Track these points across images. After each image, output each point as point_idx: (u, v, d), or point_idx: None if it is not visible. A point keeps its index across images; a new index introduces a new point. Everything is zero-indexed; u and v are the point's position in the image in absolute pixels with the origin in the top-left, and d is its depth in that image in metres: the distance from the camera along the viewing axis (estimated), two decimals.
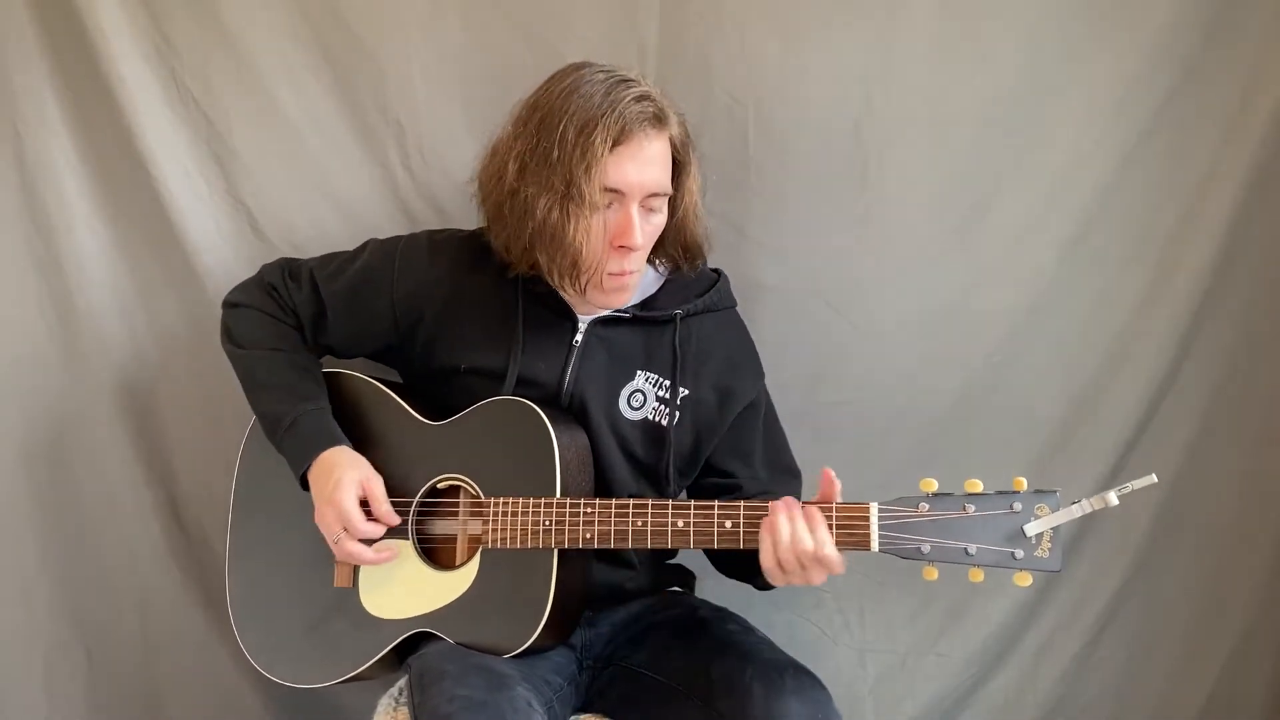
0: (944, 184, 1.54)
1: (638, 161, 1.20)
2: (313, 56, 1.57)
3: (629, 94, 1.19)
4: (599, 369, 1.33)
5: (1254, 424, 1.61)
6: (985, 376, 1.59)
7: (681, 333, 1.34)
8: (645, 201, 1.23)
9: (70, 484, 1.68)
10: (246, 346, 1.37)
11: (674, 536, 1.18)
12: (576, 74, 1.23)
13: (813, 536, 1.11)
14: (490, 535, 1.24)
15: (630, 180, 1.20)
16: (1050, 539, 1.07)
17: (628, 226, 1.21)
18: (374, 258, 1.38)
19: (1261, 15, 1.47)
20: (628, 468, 1.34)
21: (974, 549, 1.08)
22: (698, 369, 1.35)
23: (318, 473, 1.30)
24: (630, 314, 1.33)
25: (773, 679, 1.18)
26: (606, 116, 1.17)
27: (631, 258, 1.24)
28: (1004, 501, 1.08)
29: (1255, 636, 1.66)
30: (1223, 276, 1.55)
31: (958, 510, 1.09)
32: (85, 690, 1.72)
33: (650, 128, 1.21)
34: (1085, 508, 1.05)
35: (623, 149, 1.19)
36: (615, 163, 1.19)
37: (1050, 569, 1.08)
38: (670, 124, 1.24)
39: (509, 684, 1.14)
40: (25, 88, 1.58)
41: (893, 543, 1.10)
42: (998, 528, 1.08)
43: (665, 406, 1.33)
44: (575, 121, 1.18)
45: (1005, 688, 1.69)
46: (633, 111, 1.19)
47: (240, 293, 1.42)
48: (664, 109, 1.23)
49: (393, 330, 1.36)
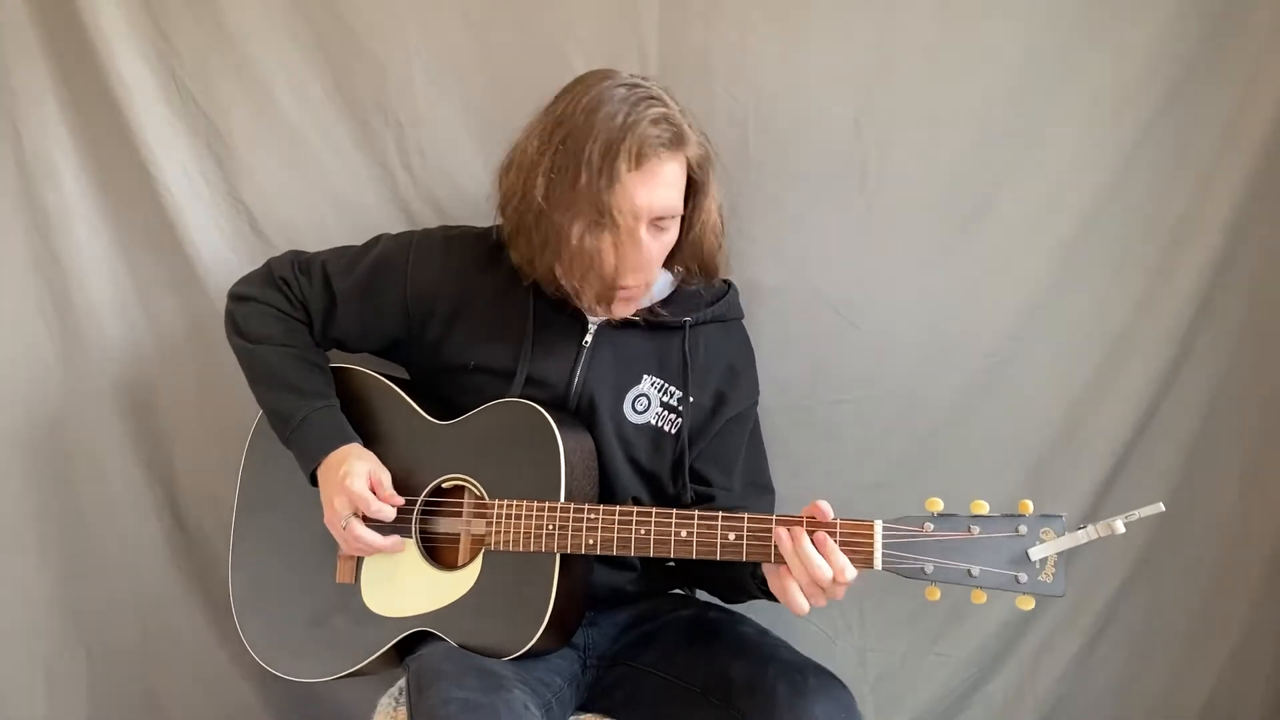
0: (944, 184, 1.54)
1: (649, 185, 1.20)
2: (313, 56, 1.57)
3: (648, 115, 1.18)
4: (607, 371, 1.33)
5: (1254, 424, 1.60)
6: (985, 376, 1.59)
7: (690, 340, 1.34)
8: (655, 222, 1.23)
9: (70, 484, 1.68)
10: (255, 341, 1.37)
11: (677, 546, 1.18)
12: (599, 87, 1.21)
13: (831, 564, 1.10)
14: (493, 537, 1.24)
15: (639, 204, 1.20)
16: (1055, 564, 1.07)
17: (637, 247, 1.21)
18: (387, 252, 1.38)
19: (1261, 15, 1.47)
20: (631, 471, 1.34)
21: (977, 571, 1.08)
22: (703, 377, 1.35)
23: (326, 469, 1.30)
24: (640, 319, 1.33)
25: (796, 680, 1.18)
26: (628, 139, 1.17)
27: (639, 275, 1.24)
28: (1009, 524, 1.08)
29: (1255, 636, 1.66)
30: (1223, 276, 1.54)
31: (962, 531, 1.09)
32: (85, 690, 1.72)
33: (665, 150, 1.20)
34: (1091, 534, 1.04)
35: (637, 173, 1.19)
36: (630, 186, 1.19)
37: (1054, 594, 1.07)
38: (688, 145, 1.23)
39: (506, 685, 1.14)
40: (25, 88, 1.58)
41: (896, 562, 1.10)
42: (1002, 550, 1.08)
43: (671, 413, 1.34)
44: (599, 144, 1.17)
45: (1005, 688, 1.69)
46: (650, 135, 1.18)
47: (248, 285, 1.41)
48: (682, 130, 1.22)
49: (403, 325, 1.36)
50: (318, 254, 1.42)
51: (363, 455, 1.31)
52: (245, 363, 1.38)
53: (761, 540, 1.14)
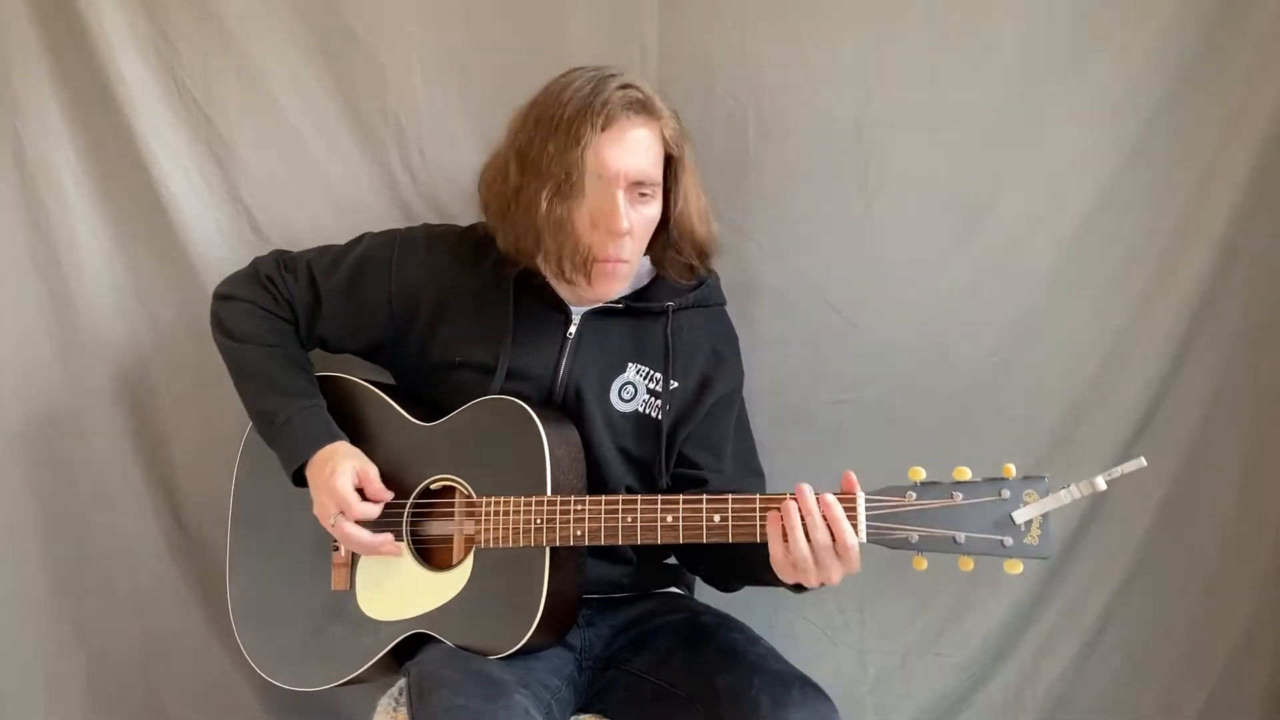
0: (944, 184, 1.54)
1: (621, 146, 1.22)
2: (313, 56, 1.57)
3: (615, 83, 1.22)
4: (592, 361, 1.33)
5: (1254, 424, 1.61)
6: (985, 376, 1.59)
7: (673, 325, 1.35)
8: (633, 190, 1.24)
9: (70, 484, 1.67)
10: (240, 340, 1.37)
11: (663, 532, 1.17)
12: (570, 74, 1.26)
13: (831, 525, 1.09)
14: (482, 535, 1.24)
15: (612, 164, 1.21)
16: (1039, 525, 1.06)
17: (614, 211, 1.22)
18: (371, 249, 1.39)
19: (1261, 15, 1.47)
20: (620, 460, 1.34)
21: (963, 537, 1.07)
22: (687, 362, 1.36)
23: (314, 467, 1.30)
24: (623, 305, 1.34)
25: (779, 692, 1.17)
26: (593, 103, 1.21)
27: (621, 244, 1.24)
28: (992, 488, 1.07)
29: (1255, 636, 1.66)
30: (1223, 276, 1.55)
31: (945, 498, 1.08)
32: (85, 690, 1.72)
33: (635, 114, 1.23)
34: (1074, 493, 1.04)
35: (607, 134, 1.21)
36: (600, 147, 1.21)
37: (1041, 556, 1.07)
38: (660, 115, 1.25)
39: (506, 691, 1.14)
40: (25, 88, 1.58)
41: (880, 533, 1.09)
42: (986, 515, 1.07)
43: (656, 399, 1.34)
44: (567, 112, 1.21)
45: (1005, 688, 1.69)
46: (617, 97, 1.22)
47: (232, 284, 1.42)
48: (653, 101, 1.25)
49: (388, 322, 1.36)
50: (302, 252, 1.43)
51: (350, 453, 1.31)
52: (230, 362, 1.39)
53: (746, 521, 1.14)
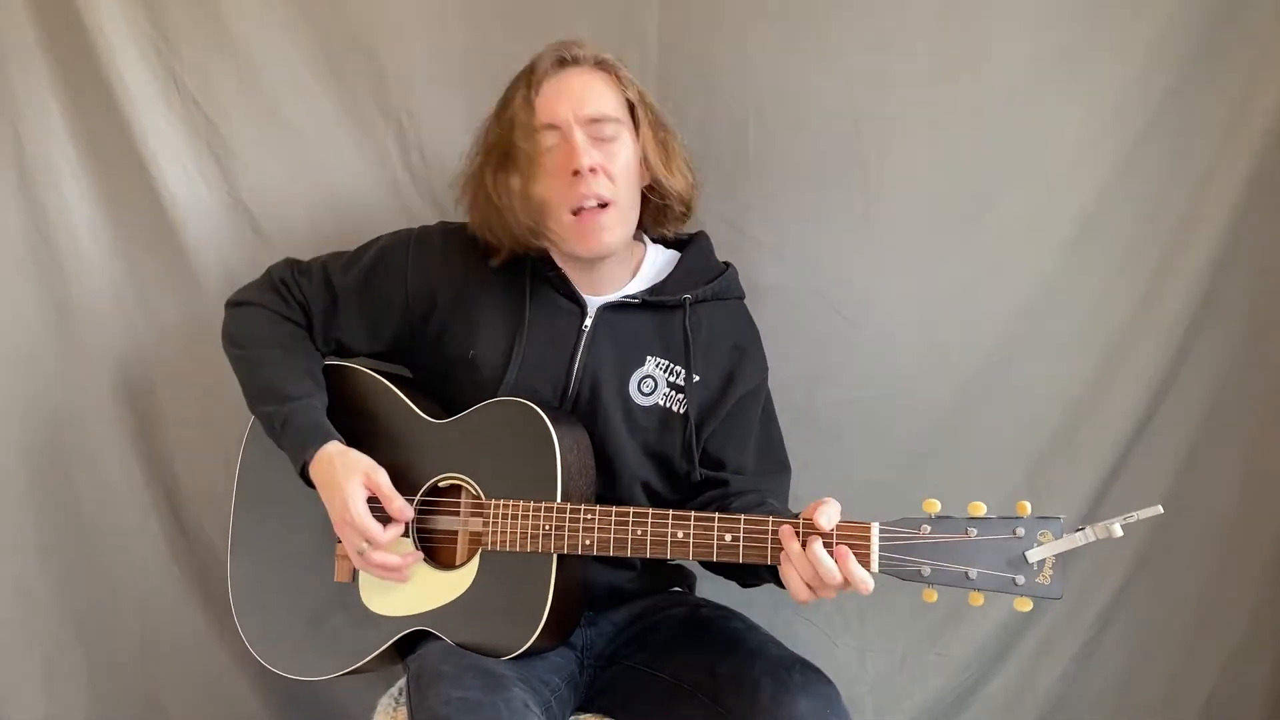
0: (944, 184, 1.54)
1: (557, 94, 1.27)
2: (313, 56, 1.58)
3: (551, 52, 1.29)
4: (609, 355, 1.33)
5: (1254, 424, 1.61)
6: (985, 376, 1.59)
7: (691, 319, 1.35)
8: (591, 128, 1.27)
9: (70, 484, 1.68)
10: (244, 346, 1.38)
11: (673, 547, 1.18)
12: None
13: (841, 569, 1.10)
14: (489, 537, 1.24)
15: (555, 109, 1.26)
16: (1052, 566, 1.06)
17: (572, 149, 1.25)
18: (387, 247, 1.39)
19: (1261, 15, 1.47)
20: (640, 453, 1.34)
21: (975, 573, 1.07)
22: (707, 354, 1.35)
23: (319, 469, 1.29)
24: (639, 299, 1.34)
25: (781, 676, 1.18)
26: (541, 61, 1.29)
27: (591, 183, 1.25)
28: (1007, 526, 1.07)
29: (1255, 636, 1.66)
30: (1223, 276, 1.55)
31: (960, 533, 1.08)
32: (85, 690, 1.72)
33: (566, 66, 1.29)
34: (1089, 536, 1.04)
35: (543, 86, 1.27)
36: (536, 102, 1.27)
37: (1051, 596, 1.07)
38: (613, 69, 1.31)
39: (506, 685, 1.14)
40: (25, 88, 1.58)
41: (893, 564, 1.10)
42: (1000, 552, 1.07)
43: (677, 392, 1.34)
44: (519, 82, 1.30)
45: (1005, 688, 1.69)
46: (545, 58, 1.29)
47: (244, 292, 1.43)
48: (591, 54, 1.30)
49: (405, 320, 1.37)
50: (316, 258, 1.43)
51: (352, 466, 1.27)
52: (235, 370, 1.39)
53: (757, 542, 1.14)
